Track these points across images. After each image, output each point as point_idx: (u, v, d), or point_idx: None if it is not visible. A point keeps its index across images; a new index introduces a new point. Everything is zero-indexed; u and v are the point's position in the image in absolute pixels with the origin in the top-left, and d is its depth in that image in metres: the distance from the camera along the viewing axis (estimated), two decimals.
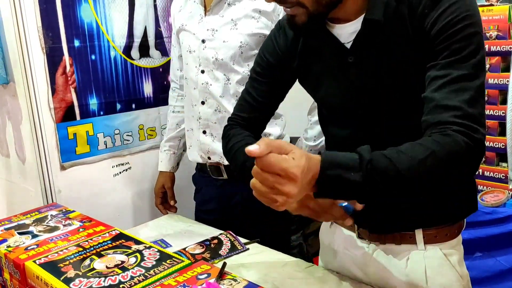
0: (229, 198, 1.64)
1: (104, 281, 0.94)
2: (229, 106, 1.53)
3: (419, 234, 1.00)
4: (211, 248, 1.35)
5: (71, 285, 0.92)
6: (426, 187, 0.83)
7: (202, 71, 1.57)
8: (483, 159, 1.99)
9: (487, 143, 1.97)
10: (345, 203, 0.88)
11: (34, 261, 1.01)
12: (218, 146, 1.57)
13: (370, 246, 1.07)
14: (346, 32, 0.95)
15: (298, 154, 0.71)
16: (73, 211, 1.32)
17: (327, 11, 0.90)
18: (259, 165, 0.70)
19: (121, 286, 0.92)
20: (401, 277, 1.03)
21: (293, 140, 2.32)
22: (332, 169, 0.75)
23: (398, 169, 0.77)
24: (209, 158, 1.63)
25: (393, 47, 0.90)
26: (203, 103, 1.60)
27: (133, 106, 2.01)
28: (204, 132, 1.61)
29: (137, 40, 1.99)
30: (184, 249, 1.35)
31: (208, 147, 1.61)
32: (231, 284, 0.92)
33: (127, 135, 1.98)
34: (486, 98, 1.96)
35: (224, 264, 1.02)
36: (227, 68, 1.53)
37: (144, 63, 2.03)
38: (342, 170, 0.75)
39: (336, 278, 1.13)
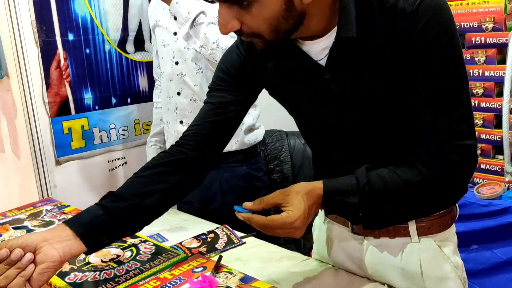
0: (207, 188, 1.68)
1: (99, 275, 0.94)
2: (204, 95, 1.54)
3: (412, 227, 1.00)
4: (208, 242, 1.35)
5: (66, 279, 0.92)
6: (420, 203, 0.92)
7: (176, 63, 1.63)
8: (479, 151, 1.99)
9: (483, 136, 1.97)
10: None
11: None
12: None
13: (364, 241, 1.07)
14: (317, 48, 0.91)
15: (296, 203, 0.84)
16: (68, 205, 1.31)
17: (287, 36, 0.86)
18: (268, 230, 0.85)
19: (116, 280, 0.91)
20: (396, 270, 1.03)
21: (290, 134, 2.31)
22: (333, 196, 0.88)
23: (392, 191, 0.87)
24: None
25: (370, 61, 0.87)
26: (179, 93, 1.65)
27: (129, 100, 2.01)
28: (181, 122, 1.66)
29: (132, 34, 1.98)
30: (180, 243, 1.34)
31: None
32: (227, 277, 0.92)
33: (122, 130, 1.98)
34: (482, 90, 1.96)
35: (220, 257, 1.02)
36: (198, 57, 1.58)
37: (139, 57, 2.02)
38: (342, 196, 0.88)
39: (333, 271, 1.13)
